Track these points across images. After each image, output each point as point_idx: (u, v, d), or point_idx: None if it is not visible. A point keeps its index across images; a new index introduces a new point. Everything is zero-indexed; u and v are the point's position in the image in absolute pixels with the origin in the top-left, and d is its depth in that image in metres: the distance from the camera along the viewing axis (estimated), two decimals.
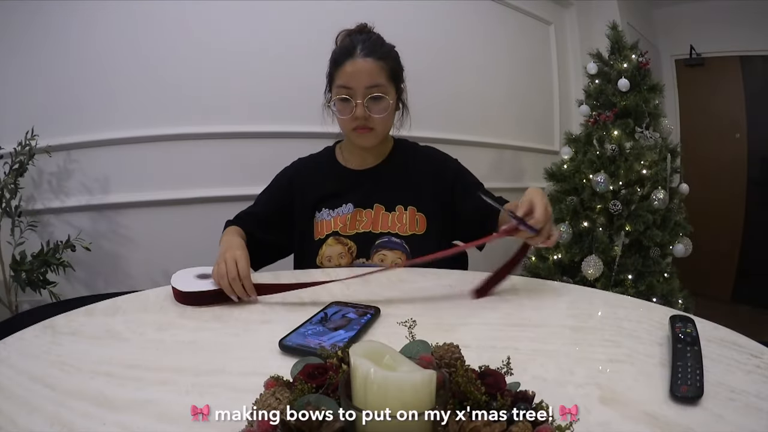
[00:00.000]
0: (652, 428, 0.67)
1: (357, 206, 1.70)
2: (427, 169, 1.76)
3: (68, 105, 2.71)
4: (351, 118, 1.62)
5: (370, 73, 1.59)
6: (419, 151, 1.85)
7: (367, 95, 1.59)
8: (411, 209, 1.67)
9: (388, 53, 1.68)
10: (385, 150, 1.81)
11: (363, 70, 1.59)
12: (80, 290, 2.83)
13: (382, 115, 1.62)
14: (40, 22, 2.63)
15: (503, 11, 4.16)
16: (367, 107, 1.59)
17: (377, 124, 1.64)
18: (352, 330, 1.00)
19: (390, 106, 1.64)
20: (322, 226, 1.71)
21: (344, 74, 1.60)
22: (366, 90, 1.59)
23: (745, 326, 1.11)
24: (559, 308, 1.18)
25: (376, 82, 1.60)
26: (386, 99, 1.62)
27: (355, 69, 1.59)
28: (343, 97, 1.61)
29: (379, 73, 1.61)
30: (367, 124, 1.62)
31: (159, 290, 1.30)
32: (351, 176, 1.78)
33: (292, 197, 1.79)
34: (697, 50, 5.21)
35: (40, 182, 2.75)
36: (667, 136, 3.49)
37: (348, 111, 1.61)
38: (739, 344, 0.95)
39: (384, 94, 1.61)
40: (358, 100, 1.59)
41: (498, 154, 4.18)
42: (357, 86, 1.58)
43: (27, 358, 0.88)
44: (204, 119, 2.90)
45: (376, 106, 1.61)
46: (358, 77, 1.59)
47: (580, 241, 3.42)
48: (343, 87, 1.60)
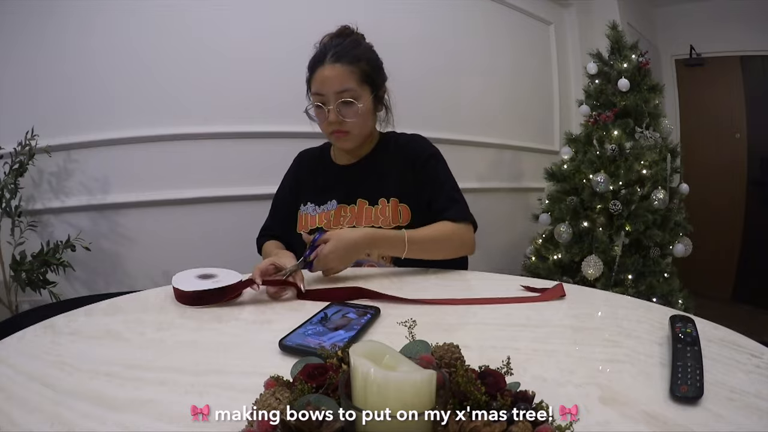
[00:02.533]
0: (652, 428, 0.67)
1: (341, 202, 1.73)
2: (404, 155, 1.78)
3: (68, 105, 2.71)
4: (326, 123, 1.67)
5: (339, 79, 1.63)
6: (399, 139, 1.86)
7: (338, 100, 1.63)
8: (393, 201, 1.68)
9: (360, 57, 1.70)
10: (369, 146, 1.84)
11: (332, 76, 1.64)
12: (80, 290, 2.83)
13: (353, 119, 1.66)
14: (39, 21, 2.63)
15: (503, 11, 4.17)
16: (339, 112, 1.63)
17: (351, 128, 1.67)
18: (352, 330, 1.00)
19: (362, 110, 1.67)
20: (305, 219, 1.76)
21: (316, 81, 1.67)
22: (336, 95, 1.63)
23: (745, 326, 1.12)
24: (559, 308, 1.18)
25: (345, 86, 1.64)
26: (356, 104, 1.65)
27: (325, 76, 1.64)
28: (317, 103, 1.67)
29: (348, 77, 1.64)
30: (341, 128, 1.66)
31: (159, 290, 1.31)
32: (337, 172, 1.83)
33: (299, 190, 1.86)
34: (697, 50, 5.22)
35: (40, 182, 2.75)
36: (667, 136, 3.49)
37: (322, 117, 1.67)
38: (739, 344, 0.95)
39: (354, 98, 1.65)
40: (330, 106, 1.63)
41: (498, 154, 4.19)
42: (328, 92, 1.64)
43: (27, 358, 0.88)
44: (204, 119, 2.91)
45: (348, 110, 1.65)
46: (328, 83, 1.64)
47: (580, 241, 3.43)
48: (316, 94, 1.67)
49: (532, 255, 3.81)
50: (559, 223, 3.50)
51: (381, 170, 1.76)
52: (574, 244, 3.45)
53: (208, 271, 1.32)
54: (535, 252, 3.79)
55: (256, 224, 1.99)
